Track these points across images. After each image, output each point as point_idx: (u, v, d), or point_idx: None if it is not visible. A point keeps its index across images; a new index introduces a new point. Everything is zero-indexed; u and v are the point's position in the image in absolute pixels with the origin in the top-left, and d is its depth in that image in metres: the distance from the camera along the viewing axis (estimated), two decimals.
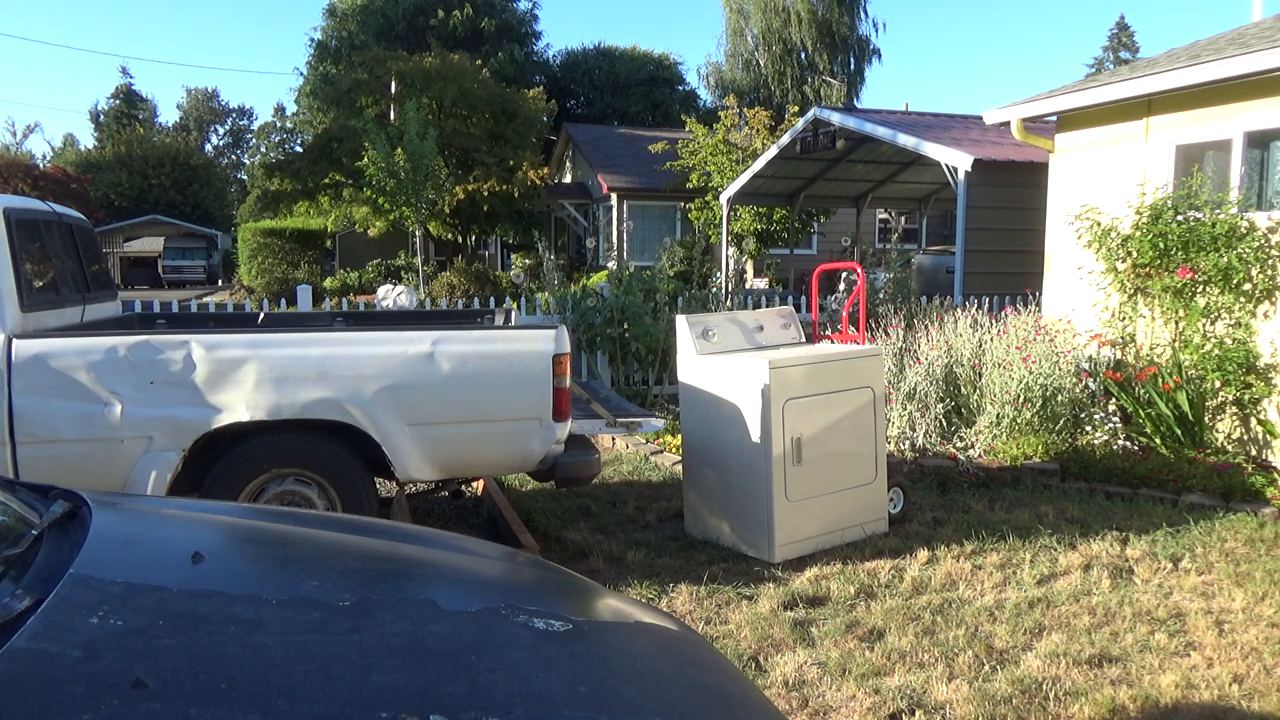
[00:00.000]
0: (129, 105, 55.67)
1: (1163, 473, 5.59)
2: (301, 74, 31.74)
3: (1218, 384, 6.09)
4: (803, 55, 31.20)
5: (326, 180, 22.52)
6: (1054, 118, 7.76)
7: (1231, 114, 6.37)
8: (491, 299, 10.25)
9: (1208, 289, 6.29)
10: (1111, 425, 6.12)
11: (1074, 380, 6.31)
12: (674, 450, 6.65)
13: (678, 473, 5.94)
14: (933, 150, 10.21)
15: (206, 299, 19.85)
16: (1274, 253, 6.05)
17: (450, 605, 1.60)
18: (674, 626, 1.86)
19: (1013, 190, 9.83)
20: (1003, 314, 6.97)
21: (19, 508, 1.73)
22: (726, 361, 4.64)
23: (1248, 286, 6.11)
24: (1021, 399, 6.14)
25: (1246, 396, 6.08)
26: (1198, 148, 6.75)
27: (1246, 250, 6.04)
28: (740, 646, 3.53)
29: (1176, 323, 6.49)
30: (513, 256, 26.88)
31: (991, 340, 6.55)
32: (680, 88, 35.24)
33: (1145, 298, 6.69)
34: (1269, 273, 6.06)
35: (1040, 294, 7.96)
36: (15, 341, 3.75)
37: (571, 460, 4.28)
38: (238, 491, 3.95)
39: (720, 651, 2.39)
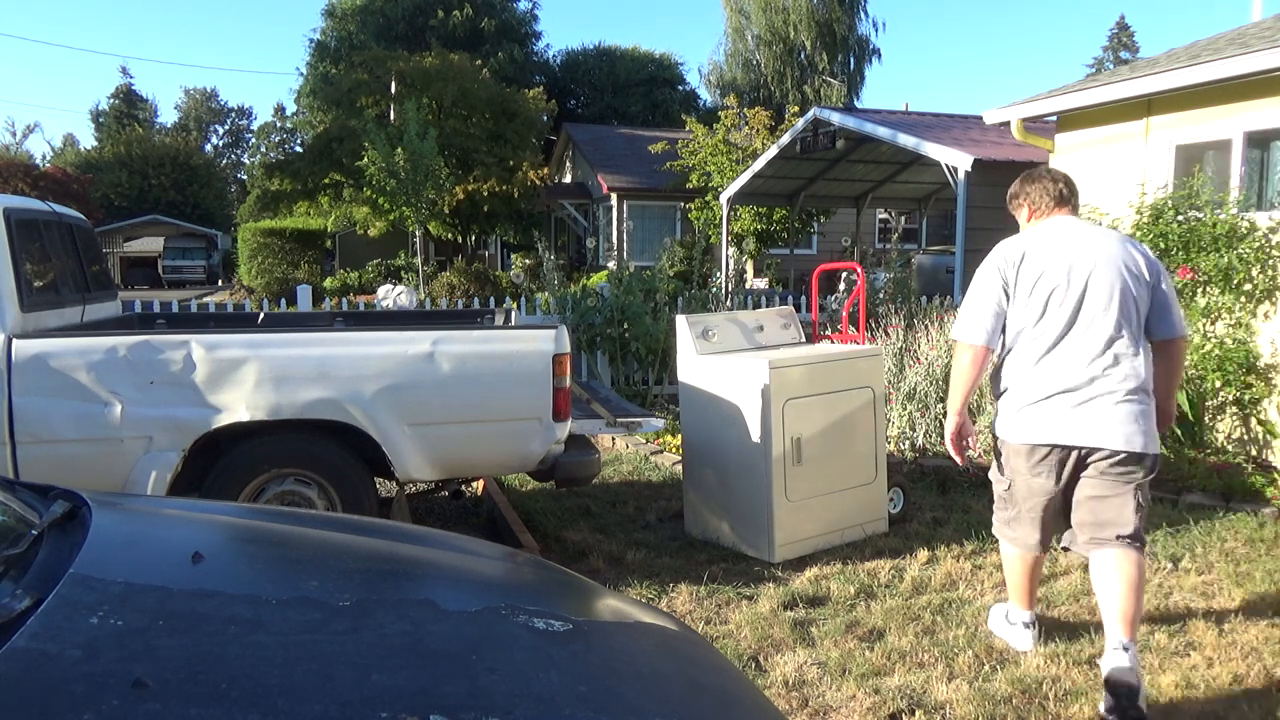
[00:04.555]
0: (129, 105, 55.69)
1: (1163, 473, 5.59)
2: (301, 74, 31.74)
3: (1218, 384, 6.09)
4: (803, 55, 31.21)
5: (326, 180, 22.53)
6: (1054, 118, 7.76)
7: (1231, 114, 6.36)
8: (491, 299, 10.25)
9: (1208, 289, 6.29)
10: None
11: None
12: (674, 450, 6.64)
13: (678, 473, 5.94)
14: (933, 150, 10.21)
15: (206, 299, 19.85)
16: (1274, 253, 6.05)
17: (450, 605, 1.60)
18: (674, 626, 1.86)
19: None
20: None
21: (19, 508, 1.73)
22: (726, 361, 4.63)
23: (1248, 287, 6.11)
24: None
25: (1247, 396, 6.08)
26: (1198, 148, 6.75)
27: (1247, 250, 6.04)
28: (740, 646, 3.53)
29: None
30: (513, 256, 26.89)
31: None
32: (680, 88, 35.24)
33: None
34: (1269, 273, 6.06)
35: None
36: (15, 341, 3.75)
37: (571, 460, 4.27)
38: (238, 491, 3.94)
39: (720, 651, 2.39)
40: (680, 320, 4.84)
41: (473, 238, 25.70)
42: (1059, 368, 3.20)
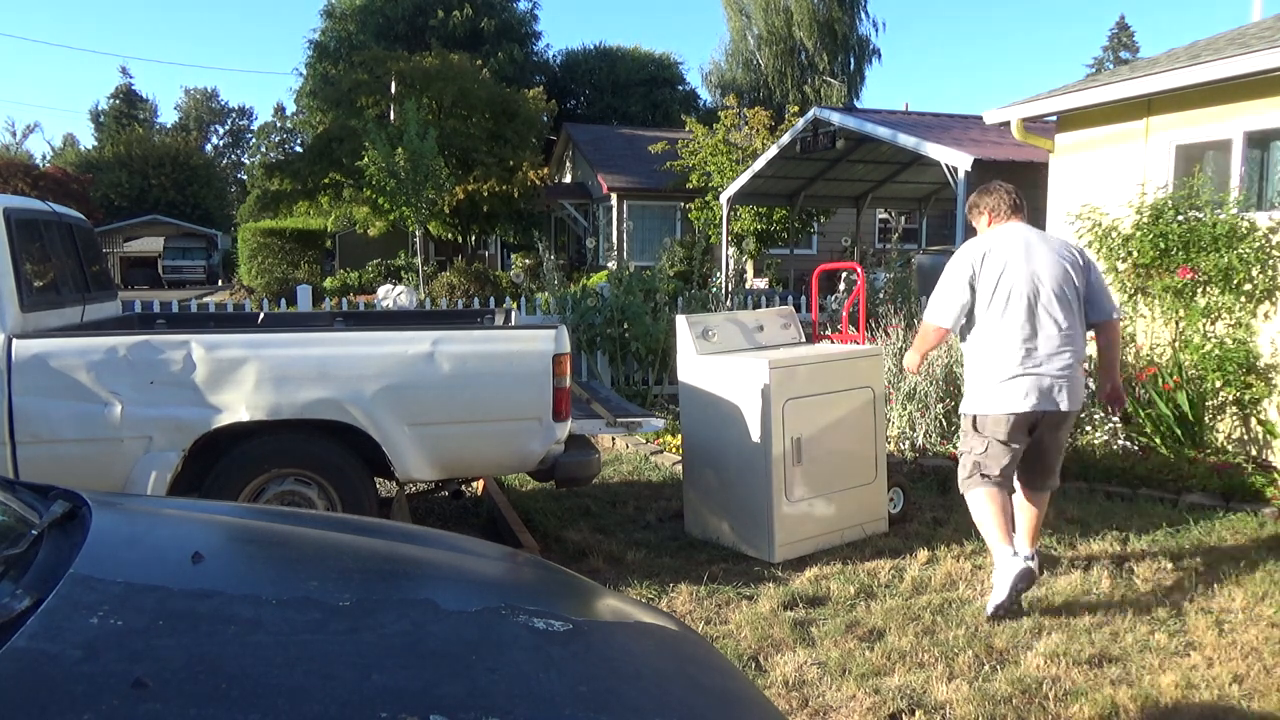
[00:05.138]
0: (129, 105, 55.70)
1: (1163, 473, 5.59)
2: (301, 74, 31.73)
3: (1218, 384, 6.09)
4: (803, 55, 31.23)
5: (326, 180, 22.51)
6: (1054, 117, 7.76)
7: (1231, 114, 6.36)
8: (491, 299, 10.25)
9: (1208, 289, 6.29)
10: (1111, 425, 6.11)
11: None
12: (674, 450, 6.64)
13: (678, 473, 5.94)
14: (933, 150, 10.20)
15: (206, 299, 19.85)
16: (1274, 253, 6.05)
17: (450, 605, 1.60)
18: (674, 626, 1.86)
19: None
20: None
21: (19, 508, 1.73)
22: (726, 361, 4.63)
23: (1248, 287, 6.11)
24: None
25: (1246, 396, 6.08)
26: (1198, 147, 6.75)
27: (1247, 250, 6.04)
28: (740, 646, 3.53)
29: (1177, 323, 6.49)
30: (513, 256, 26.88)
31: None
32: (680, 88, 35.23)
33: (1146, 298, 6.69)
34: (1269, 273, 6.06)
35: None
36: (15, 341, 3.75)
37: (571, 460, 4.27)
38: (238, 491, 3.94)
39: (720, 651, 2.39)
40: (680, 320, 4.84)
41: (473, 238, 25.70)
42: (1023, 350, 3.86)
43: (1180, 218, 6.40)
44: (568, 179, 26.66)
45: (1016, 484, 4.13)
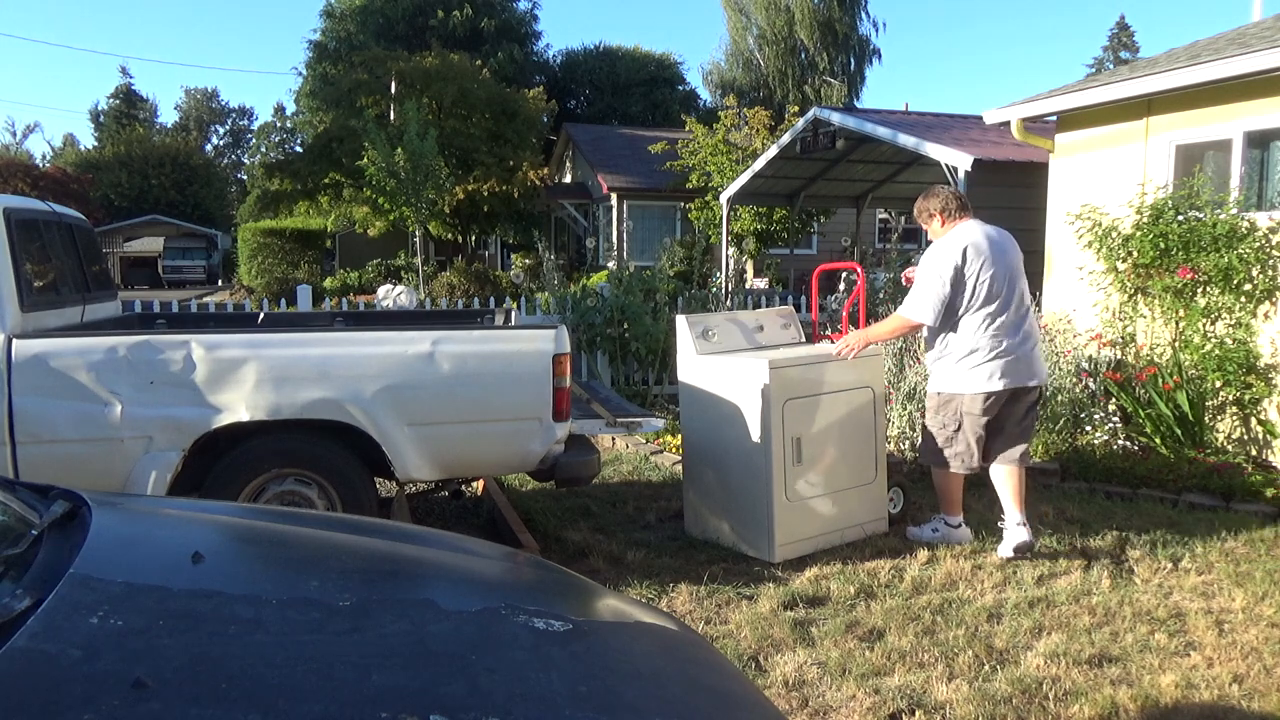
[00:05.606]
0: (129, 105, 55.68)
1: (1163, 473, 5.59)
2: (301, 74, 31.74)
3: (1218, 384, 6.09)
4: (803, 55, 31.26)
5: (326, 180, 22.51)
6: (1054, 118, 7.76)
7: (1231, 114, 6.36)
8: (491, 299, 10.25)
9: (1208, 289, 6.29)
10: (1111, 425, 6.12)
11: (1074, 380, 6.31)
12: (674, 450, 6.64)
13: (678, 473, 5.94)
14: (933, 150, 10.19)
15: (206, 299, 19.84)
16: (1274, 253, 6.05)
17: (450, 605, 1.60)
18: (674, 626, 1.86)
19: (1013, 190, 9.80)
20: None
21: (19, 508, 1.73)
22: (726, 361, 4.63)
23: (1248, 287, 6.11)
24: None
25: (1247, 396, 6.08)
26: (1198, 147, 6.75)
27: (1247, 250, 6.04)
28: (740, 646, 3.53)
29: (1177, 323, 6.49)
30: (513, 256, 26.88)
31: None
32: (680, 88, 35.24)
33: (1146, 298, 6.69)
34: (1269, 273, 6.05)
35: (1040, 294, 7.94)
36: (15, 341, 3.75)
37: (571, 460, 4.27)
38: (238, 491, 3.94)
39: (720, 651, 2.39)
40: (680, 320, 4.84)
41: (473, 238, 25.70)
42: (1000, 333, 4.31)
43: (1180, 218, 6.40)
44: (568, 179, 26.66)
45: (997, 460, 4.52)
